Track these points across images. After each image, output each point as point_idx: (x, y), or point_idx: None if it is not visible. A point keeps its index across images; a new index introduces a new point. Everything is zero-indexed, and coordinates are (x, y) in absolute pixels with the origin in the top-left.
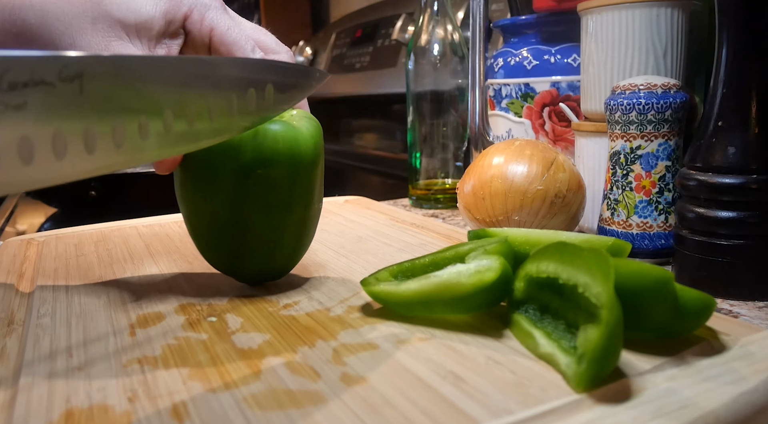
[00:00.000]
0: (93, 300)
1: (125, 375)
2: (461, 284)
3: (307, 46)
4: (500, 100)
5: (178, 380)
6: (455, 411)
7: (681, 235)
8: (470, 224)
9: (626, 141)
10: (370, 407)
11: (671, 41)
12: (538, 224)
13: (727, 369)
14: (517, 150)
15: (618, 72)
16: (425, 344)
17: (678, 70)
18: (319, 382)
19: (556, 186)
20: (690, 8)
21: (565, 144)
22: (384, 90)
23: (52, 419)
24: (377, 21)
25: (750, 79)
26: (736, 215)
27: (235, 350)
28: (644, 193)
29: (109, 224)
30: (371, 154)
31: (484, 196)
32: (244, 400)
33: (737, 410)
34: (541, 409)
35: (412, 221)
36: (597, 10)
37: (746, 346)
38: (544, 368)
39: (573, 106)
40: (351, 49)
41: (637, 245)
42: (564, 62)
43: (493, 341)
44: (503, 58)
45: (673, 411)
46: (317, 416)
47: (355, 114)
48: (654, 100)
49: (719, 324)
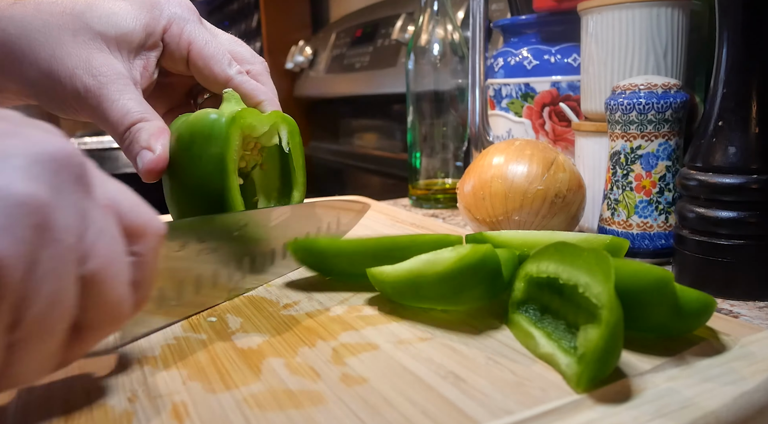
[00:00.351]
0: None
1: (125, 375)
2: (443, 259)
3: (307, 46)
4: (500, 100)
5: (178, 380)
6: (455, 411)
7: (681, 235)
8: (470, 224)
9: (626, 141)
10: (370, 407)
11: (671, 41)
12: (538, 224)
13: (728, 369)
14: (517, 150)
15: (618, 72)
16: (425, 344)
17: (678, 70)
18: (319, 382)
19: (556, 186)
20: (690, 8)
21: (565, 144)
22: (384, 90)
23: (51, 419)
24: (377, 21)
25: (750, 79)
26: (736, 215)
27: (235, 350)
28: (644, 193)
29: None
30: (371, 154)
31: (484, 196)
32: (244, 400)
33: (737, 411)
34: (541, 409)
35: (412, 221)
36: (597, 10)
37: (746, 346)
38: (544, 368)
39: (573, 106)
40: (351, 49)
41: (637, 245)
42: (564, 62)
43: (493, 341)
44: (503, 58)
45: (673, 411)
46: (317, 417)
47: (355, 114)
48: (654, 100)
49: (719, 324)
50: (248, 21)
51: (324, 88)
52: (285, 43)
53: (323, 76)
